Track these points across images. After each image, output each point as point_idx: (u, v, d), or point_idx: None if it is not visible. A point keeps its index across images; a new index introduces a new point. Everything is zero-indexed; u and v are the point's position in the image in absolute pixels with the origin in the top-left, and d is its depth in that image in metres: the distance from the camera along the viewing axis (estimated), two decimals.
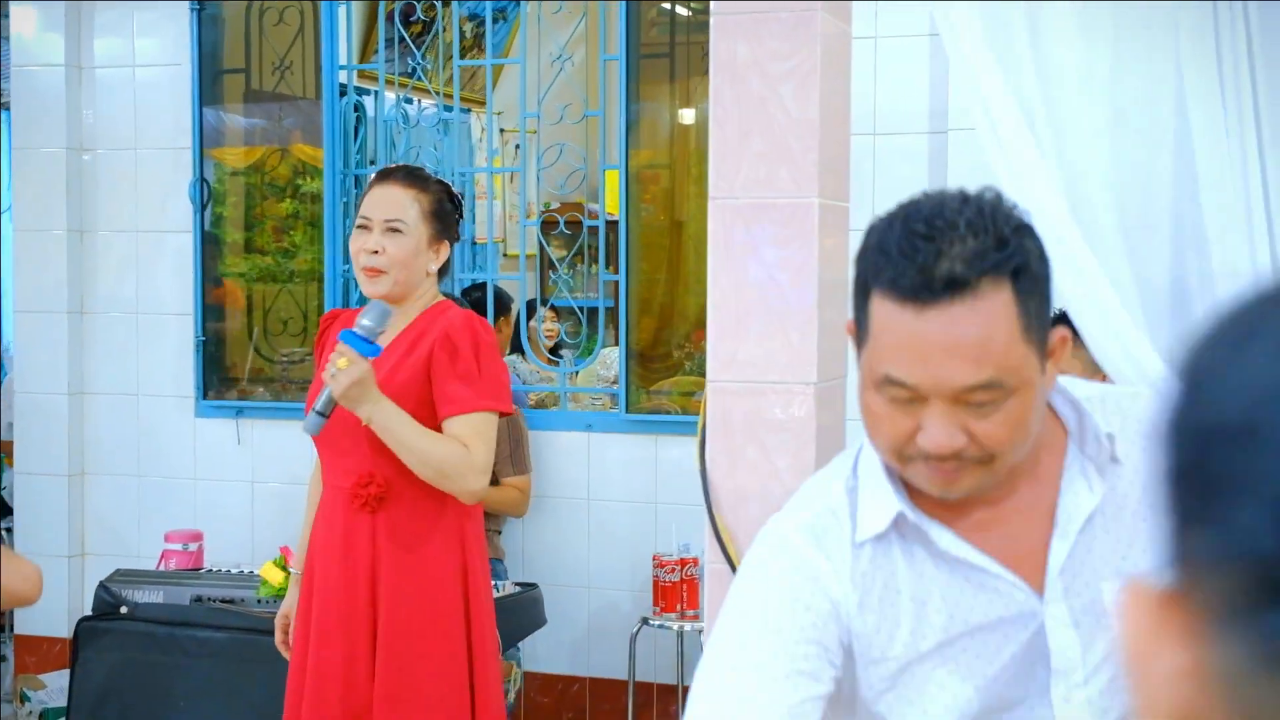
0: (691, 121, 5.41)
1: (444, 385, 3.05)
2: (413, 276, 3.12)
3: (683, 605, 4.43)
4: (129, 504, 5.38)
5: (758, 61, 2.51)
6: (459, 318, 3.13)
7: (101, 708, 4.25)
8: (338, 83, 5.24)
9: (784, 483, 2.54)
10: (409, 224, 3.10)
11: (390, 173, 3.22)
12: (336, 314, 3.35)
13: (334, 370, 2.90)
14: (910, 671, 1.69)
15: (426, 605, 3.08)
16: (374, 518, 3.06)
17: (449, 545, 3.13)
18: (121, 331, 5.41)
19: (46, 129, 5.40)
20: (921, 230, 1.50)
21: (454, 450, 3.03)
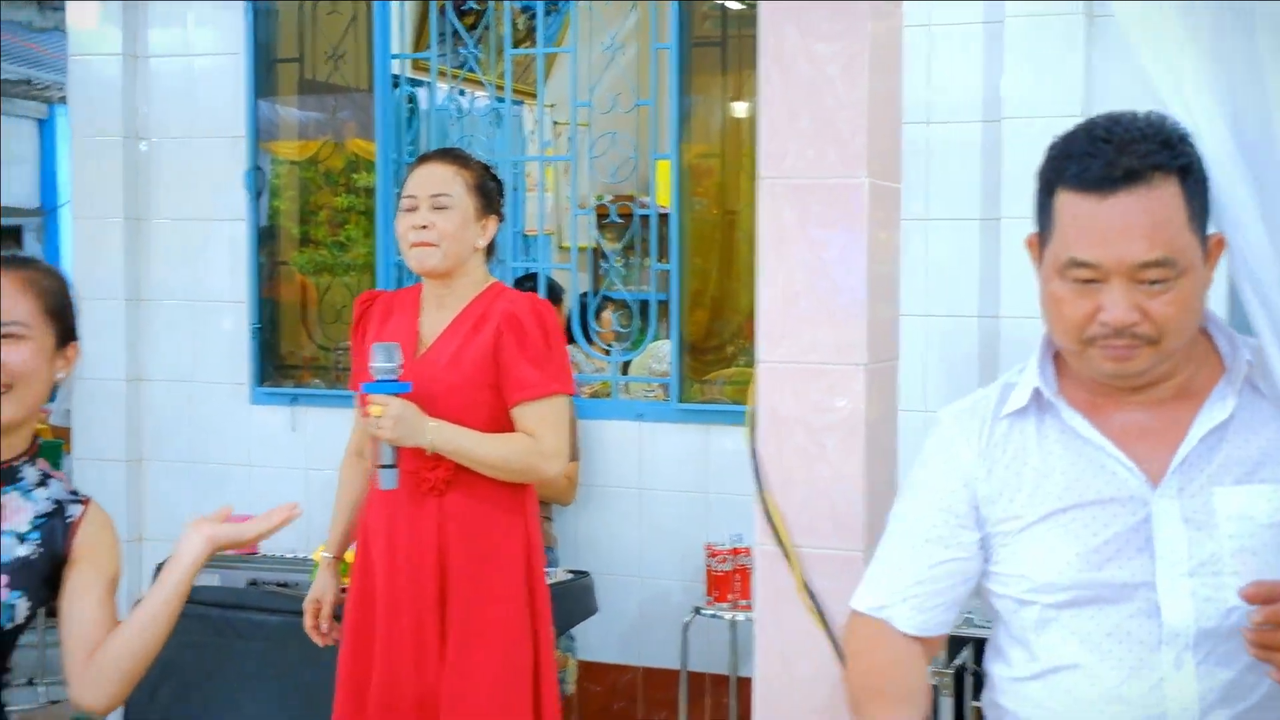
0: (744, 114, 5.38)
1: (513, 368, 3.06)
2: (462, 250, 3.13)
3: (735, 595, 4.42)
4: (185, 489, 5.43)
5: (806, 41, 2.49)
6: (523, 299, 3.15)
7: (159, 688, 4.29)
8: (390, 74, 5.26)
9: (832, 464, 2.53)
10: (455, 197, 3.12)
11: (429, 154, 3.27)
12: (374, 295, 3.35)
13: (376, 424, 2.93)
14: (1025, 533, 1.91)
15: (493, 587, 3.10)
16: (440, 501, 3.07)
17: (514, 528, 3.14)
18: (178, 319, 5.46)
19: (104, 118, 5.46)
20: (1102, 135, 1.80)
21: (519, 446, 3.05)
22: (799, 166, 2.50)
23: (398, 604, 3.10)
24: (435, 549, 3.08)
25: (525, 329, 3.08)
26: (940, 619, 2.01)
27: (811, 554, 2.52)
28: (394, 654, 3.09)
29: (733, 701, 4.65)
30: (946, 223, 4.45)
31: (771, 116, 2.51)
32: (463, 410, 3.06)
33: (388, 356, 2.98)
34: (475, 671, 3.07)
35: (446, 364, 3.09)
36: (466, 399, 3.05)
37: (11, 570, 2.08)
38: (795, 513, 2.53)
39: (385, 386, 2.96)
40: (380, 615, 3.12)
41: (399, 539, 3.11)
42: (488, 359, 3.07)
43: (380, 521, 3.15)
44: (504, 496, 3.13)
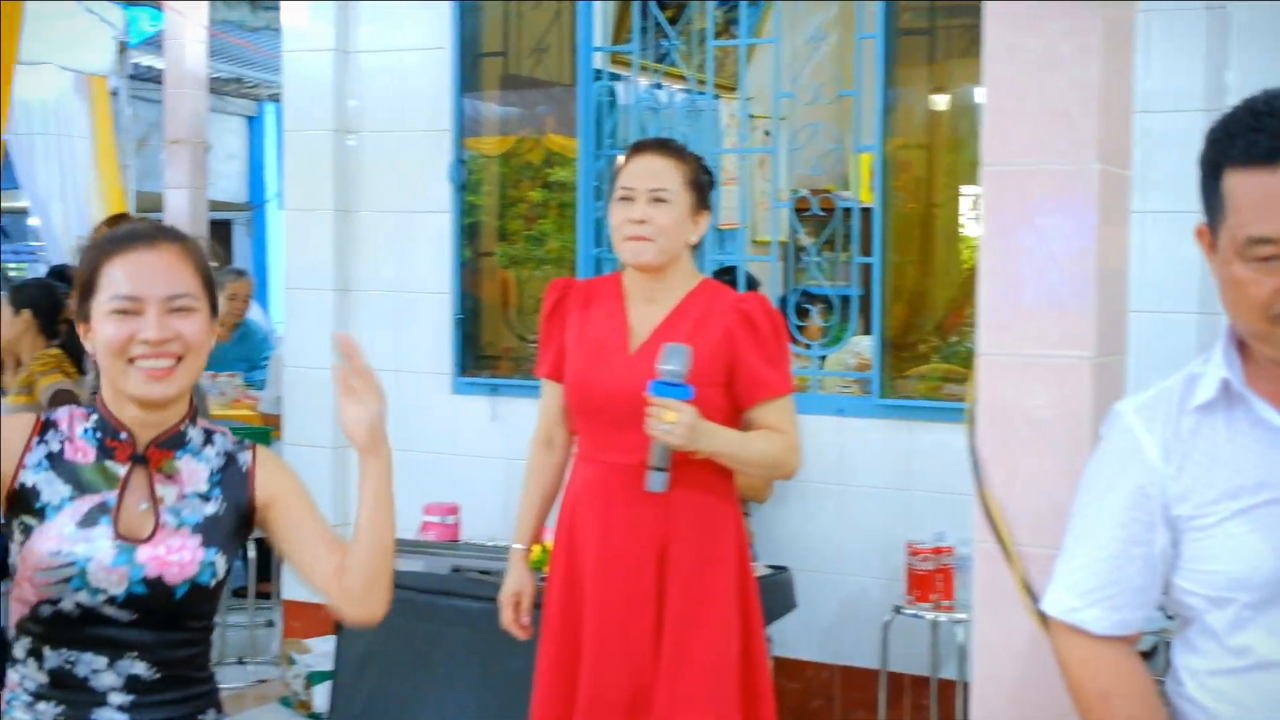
0: (947, 107, 5.27)
1: (751, 368, 3.04)
2: (676, 246, 3.11)
3: (938, 595, 4.33)
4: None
5: (1035, 19, 2.41)
6: (752, 299, 3.14)
7: (366, 667, 4.38)
8: (592, 67, 5.28)
9: (1058, 461, 2.44)
10: (673, 192, 3.09)
11: (647, 144, 3.23)
12: (569, 283, 3.31)
13: (666, 426, 2.88)
14: (1219, 529, 1.86)
15: (711, 580, 3.07)
16: (664, 496, 3.02)
17: (730, 523, 3.12)
18: (382, 309, 5.57)
19: (315, 113, 5.60)
20: (1263, 108, 1.79)
21: (776, 442, 3.05)
22: (1025, 151, 2.43)
23: (610, 598, 3.08)
24: (657, 543, 3.05)
25: (760, 329, 3.05)
26: (1134, 617, 1.96)
27: (1034, 553, 2.43)
28: (604, 648, 3.07)
29: (934, 704, 4.55)
30: (1164, 215, 4.28)
31: (996, 98, 2.44)
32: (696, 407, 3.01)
33: (681, 360, 2.92)
34: (692, 667, 3.04)
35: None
36: (699, 396, 3.00)
37: (204, 529, 2.12)
38: (1017, 510, 2.45)
39: (676, 390, 2.90)
40: (590, 609, 3.11)
41: (615, 533, 3.08)
42: (719, 357, 3.04)
43: (594, 514, 3.12)
44: (723, 489, 3.11)
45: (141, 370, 2.09)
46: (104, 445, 2.12)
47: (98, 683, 2.06)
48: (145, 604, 2.07)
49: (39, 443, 2.11)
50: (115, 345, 2.08)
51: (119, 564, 2.04)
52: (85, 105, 8.05)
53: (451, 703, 4.27)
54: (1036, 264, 2.44)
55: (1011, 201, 2.45)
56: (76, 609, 2.04)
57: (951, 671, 4.48)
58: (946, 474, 4.59)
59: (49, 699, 2.07)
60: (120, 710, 2.07)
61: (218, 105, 10.37)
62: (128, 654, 2.07)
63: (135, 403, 2.12)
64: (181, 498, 2.13)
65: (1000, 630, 2.50)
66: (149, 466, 2.13)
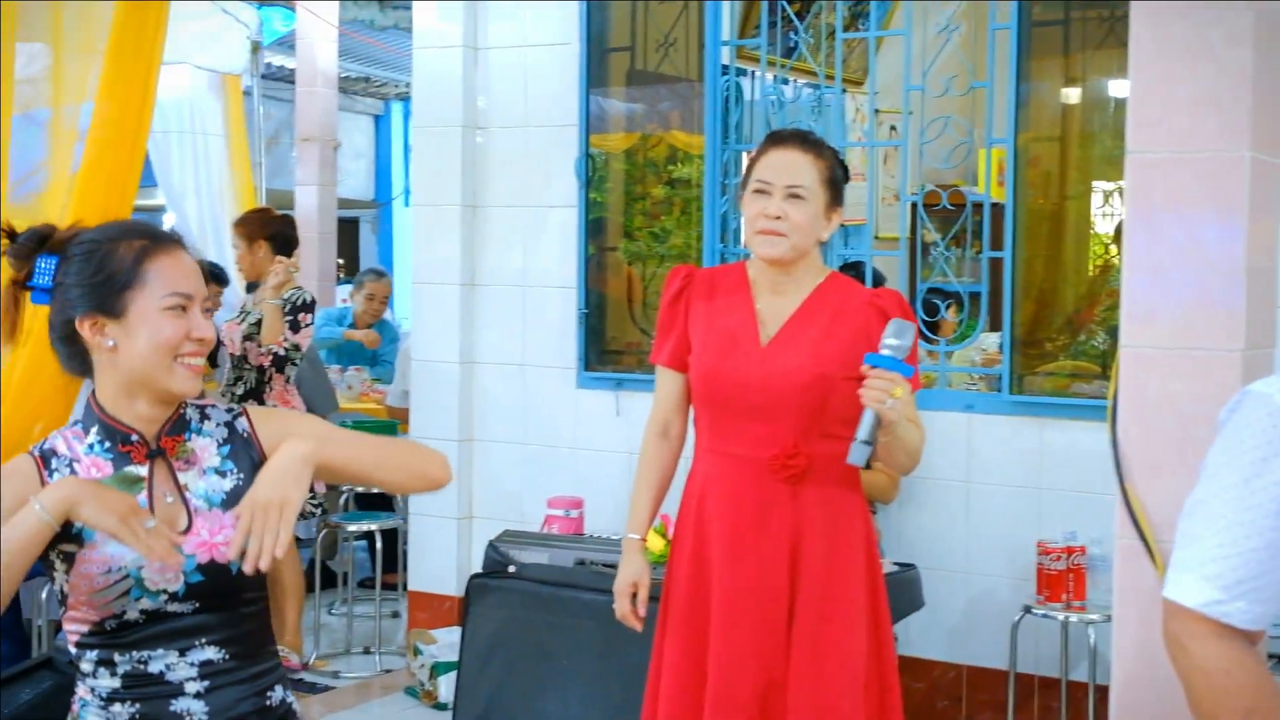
0: (1079, 100, 5.17)
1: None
2: (808, 243, 3.09)
3: (1069, 595, 4.25)
4: (513, 470, 5.58)
5: (1185, 4, 2.35)
6: (888, 295, 3.09)
7: (490, 660, 4.41)
8: (719, 61, 5.27)
9: (1203, 455, 2.37)
10: (809, 189, 3.06)
11: (786, 137, 3.17)
12: (691, 272, 3.27)
13: (891, 400, 2.80)
14: None
15: (842, 575, 3.04)
16: (796, 489, 3.01)
17: (857, 519, 3.09)
18: (509, 303, 5.61)
19: (444, 109, 5.65)
20: None
21: (919, 434, 3.02)
22: (1173, 139, 2.37)
23: (741, 593, 3.05)
24: (790, 537, 3.03)
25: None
26: (1271, 611, 1.89)
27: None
28: (734, 643, 3.04)
29: (1063, 707, 4.47)
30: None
31: (1143, 85, 2.39)
32: (829, 400, 3.00)
33: (909, 336, 2.86)
34: (825, 661, 3.01)
35: (810, 352, 3.03)
36: (830, 388, 2.99)
37: (230, 504, 2.12)
38: (1161, 505, 2.40)
39: (902, 367, 2.84)
40: (719, 604, 3.08)
41: (745, 528, 3.05)
42: (854, 351, 2.98)
43: (724, 509, 3.09)
44: (851, 483, 3.09)
45: (187, 367, 2.09)
46: (118, 452, 2.11)
47: (173, 675, 2.09)
48: (204, 590, 2.09)
49: (49, 475, 2.09)
50: (172, 341, 2.07)
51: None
52: (220, 104, 8.21)
53: (575, 694, 4.29)
54: (1183, 254, 2.38)
55: (1157, 191, 2.39)
56: (141, 615, 2.07)
57: (1082, 674, 4.40)
58: (1077, 472, 4.51)
59: (124, 700, 2.08)
60: (196, 698, 2.09)
61: (346, 104, 10.54)
62: (198, 642, 2.10)
63: (162, 398, 2.11)
64: (201, 477, 2.14)
65: (1142, 628, 2.45)
66: (167, 457, 2.13)
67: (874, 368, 2.82)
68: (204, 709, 2.10)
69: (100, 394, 2.13)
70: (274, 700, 2.19)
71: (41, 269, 2.11)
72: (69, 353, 2.13)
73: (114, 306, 2.07)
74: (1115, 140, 4.89)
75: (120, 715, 2.08)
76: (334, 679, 5.68)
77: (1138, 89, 2.41)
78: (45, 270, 2.11)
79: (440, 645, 5.26)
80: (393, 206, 12.33)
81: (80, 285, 2.08)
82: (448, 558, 5.62)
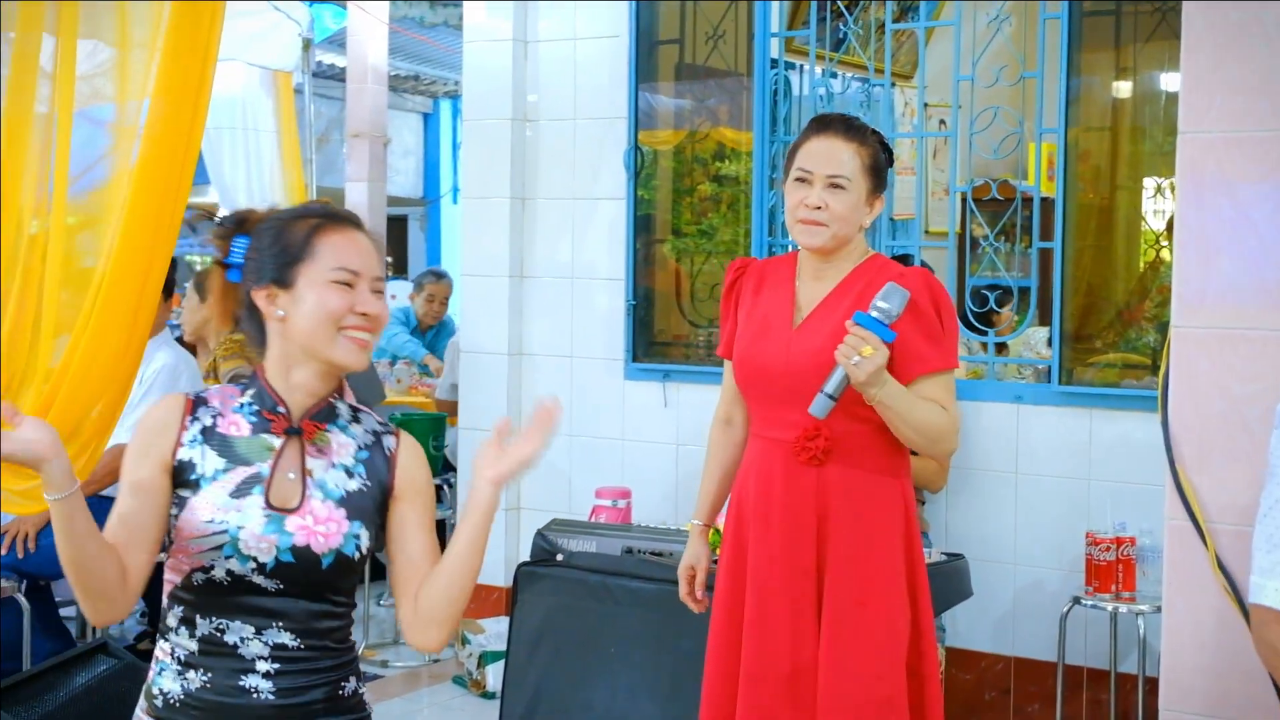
0: (1130, 94, 5.14)
1: (909, 342, 2.98)
2: (849, 231, 3.08)
3: (1118, 586, 4.23)
4: (561, 461, 5.60)
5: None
6: (915, 274, 3.07)
7: (538, 647, 4.43)
8: (769, 53, 5.28)
9: (1255, 437, 2.37)
10: (850, 179, 3.05)
11: (829, 123, 3.15)
12: (746, 263, 3.30)
13: (857, 357, 2.84)
14: None
15: (872, 559, 3.03)
16: (819, 472, 3.02)
17: (893, 504, 3.07)
18: (558, 295, 5.64)
19: (494, 103, 5.69)
20: None
21: (939, 414, 2.99)
22: (1224, 119, 2.37)
23: (771, 574, 3.07)
24: (813, 519, 3.04)
25: (920, 304, 2.99)
26: None
27: (1228, 529, 2.38)
28: (766, 624, 3.07)
29: (1112, 698, 4.45)
30: None
31: (1194, 65, 2.38)
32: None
33: (898, 301, 2.88)
34: (854, 645, 3.01)
35: (832, 333, 3.04)
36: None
37: (347, 503, 2.18)
38: (1212, 487, 2.39)
39: (882, 330, 2.87)
40: (751, 584, 3.11)
41: (774, 508, 3.08)
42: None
43: (756, 490, 3.12)
44: (883, 466, 3.06)
45: (351, 339, 2.16)
46: (261, 418, 2.18)
47: (246, 650, 2.13)
48: (292, 573, 2.13)
49: (192, 420, 2.16)
50: (336, 313, 2.14)
51: (269, 532, 2.11)
52: (271, 101, 8.28)
53: (623, 682, 4.30)
54: (1235, 235, 2.38)
55: (1209, 171, 2.39)
56: (227, 576, 2.11)
57: (1131, 665, 4.38)
58: (1126, 463, 4.49)
59: (198, 668, 2.13)
60: (265, 677, 2.13)
61: (395, 102, 10.61)
62: (275, 624, 2.14)
63: (323, 371, 2.18)
64: (330, 468, 2.19)
65: (1191, 610, 2.45)
66: (302, 438, 2.19)
67: (854, 324, 2.86)
68: (271, 689, 2.14)
69: (267, 362, 2.22)
70: (346, 691, 2.22)
71: (237, 248, 2.24)
72: (251, 323, 2.24)
73: (286, 277, 2.16)
74: (1166, 135, 4.87)
75: (193, 682, 2.13)
76: (383, 668, 5.73)
77: (1190, 70, 2.40)
78: (239, 249, 2.23)
79: (488, 635, 5.29)
80: (440, 204, 12.39)
81: (258, 259, 2.20)
82: (495, 549, 5.65)
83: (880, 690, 3.02)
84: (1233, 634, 2.37)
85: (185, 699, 2.13)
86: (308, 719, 2.16)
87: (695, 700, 4.14)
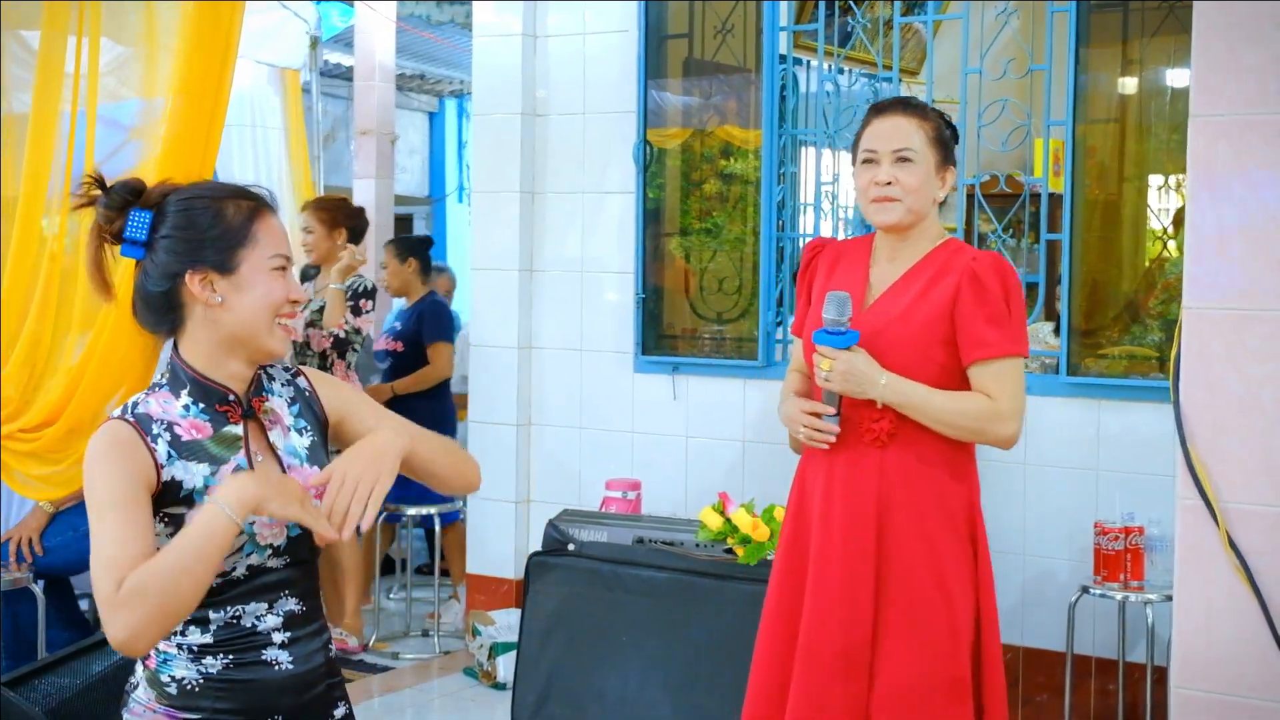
0: (1134, 90, 5.16)
1: (971, 327, 3.00)
2: (923, 204, 3.09)
3: (1126, 575, 4.25)
4: (571, 454, 5.63)
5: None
6: (986, 257, 3.07)
7: (550, 635, 4.46)
8: (777, 47, 5.30)
9: (1269, 416, 2.39)
10: (917, 151, 3.07)
11: (887, 105, 3.19)
12: (823, 243, 3.32)
13: (825, 375, 2.95)
14: None
15: (933, 545, 3.03)
16: (882, 454, 3.03)
17: (956, 487, 3.07)
18: (567, 289, 5.67)
19: (503, 96, 5.71)
20: None
21: (974, 404, 2.99)
22: (1237, 102, 2.39)
23: (829, 555, 3.07)
24: (874, 502, 3.04)
25: (986, 287, 3.00)
26: None
27: (1240, 509, 2.40)
28: (822, 606, 3.06)
29: (1120, 688, 4.47)
30: None
31: (1207, 48, 2.41)
32: (913, 364, 3.00)
33: (839, 309, 2.97)
34: (923, 625, 3.00)
35: (899, 316, 3.04)
36: (918, 353, 3.00)
37: (313, 457, 2.19)
38: (1224, 466, 2.42)
39: (834, 339, 2.95)
40: (812, 564, 3.10)
41: (835, 489, 3.08)
42: (943, 314, 3.01)
43: (818, 471, 3.13)
44: (947, 453, 3.06)
45: (283, 327, 2.15)
46: (215, 412, 2.13)
47: (263, 626, 2.15)
48: (297, 545, 2.15)
49: (153, 439, 2.07)
50: (279, 301, 2.12)
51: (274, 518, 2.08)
52: (279, 98, 8.30)
53: (634, 670, 4.33)
54: (1246, 216, 2.40)
55: (1222, 153, 2.41)
56: (246, 571, 2.12)
57: (1140, 655, 4.40)
58: (1135, 454, 4.51)
59: (215, 652, 2.13)
60: (282, 647, 2.16)
61: (401, 101, 10.62)
62: (283, 594, 2.16)
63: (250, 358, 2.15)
64: (286, 435, 2.19)
65: (1204, 588, 2.47)
66: (257, 416, 2.17)
67: (815, 345, 2.96)
68: (289, 658, 2.16)
69: (189, 353, 2.14)
70: (332, 652, 2.27)
71: (135, 223, 2.10)
72: (162, 308, 2.13)
73: (227, 262, 2.10)
74: (1172, 132, 4.90)
75: (213, 666, 2.13)
76: (393, 660, 5.76)
77: (1202, 53, 2.43)
78: (140, 224, 2.10)
79: (499, 626, 5.31)
80: (446, 202, 12.41)
81: (191, 240, 2.10)
82: (505, 540, 5.68)
83: (951, 670, 3.01)
84: (1244, 613, 2.40)
85: (206, 682, 2.13)
86: (316, 682, 2.20)
87: (706, 687, 4.18)
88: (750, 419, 5.29)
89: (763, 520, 4.23)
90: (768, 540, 4.14)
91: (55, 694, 3.60)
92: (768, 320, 5.29)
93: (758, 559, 4.15)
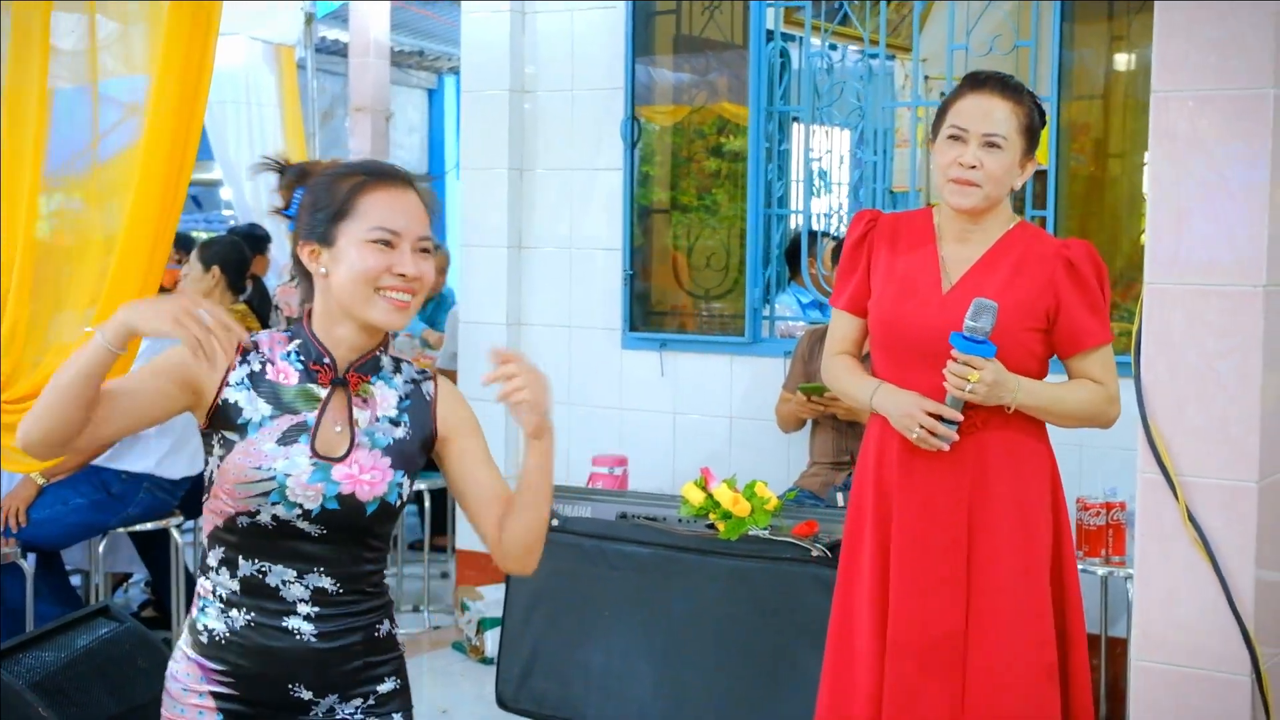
0: (1124, 67, 5.15)
1: (1074, 315, 2.98)
2: (1001, 192, 3.02)
3: (1107, 550, 4.27)
4: (559, 429, 5.51)
5: None
6: (1077, 245, 3.04)
7: (534, 610, 4.48)
8: (765, 23, 5.30)
9: (1227, 390, 2.41)
10: (1007, 139, 2.98)
11: (985, 80, 3.06)
12: (876, 215, 3.23)
13: (969, 385, 2.87)
14: None
15: (1025, 526, 3.00)
16: (971, 438, 2.99)
17: (1039, 473, 3.05)
18: (556, 265, 5.68)
19: (492, 73, 5.72)
20: None
21: (1088, 393, 3.01)
22: (1198, 77, 2.40)
23: (916, 541, 3.03)
24: (966, 490, 3.00)
25: (1084, 276, 2.98)
26: None
27: (1200, 483, 2.42)
28: (910, 591, 3.02)
29: (1103, 662, 4.49)
30: None
31: (1168, 24, 2.41)
32: (1006, 348, 2.94)
33: (991, 317, 2.87)
34: (1017, 612, 2.99)
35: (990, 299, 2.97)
36: (1013, 340, 2.95)
37: (393, 452, 2.22)
38: (1184, 440, 2.43)
39: (981, 348, 2.87)
40: (896, 551, 3.05)
41: (919, 476, 3.03)
42: (1039, 302, 2.98)
43: (897, 458, 3.06)
44: (1035, 434, 3.06)
45: (389, 300, 2.18)
46: (308, 368, 2.22)
47: (287, 593, 2.18)
48: (336, 520, 2.18)
49: (241, 362, 2.20)
50: (372, 273, 2.17)
51: (315, 480, 2.15)
52: (274, 76, 8.32)
53: (617, 645, 4.35)
54: (1207, 192, 2.41)
55: (1182, 129, 2.42)
56: (272, 521, 2.16)
57: (1121, 629, 4.41)
58: (1117, 430, 4.48)
59: (241, 606, 2.19)
60: (307, 620, 2.19)
61: (399, 78, 10.63)
62: (316, 568, 2.19)
63: (363, 328, 2.21)
64: (374, 420, 2.23)
65: (1165, 563, 2.49)
66: (348, 390, 2.23)
67: (955, 351, 2.87)
68: (314, 631, 2.20)
69: (314, 314, 2.25)
70: (382, 633, 2.28)
71: (296, 201, 2.27)
72: (301, 275, 2.27)
73: (327, 235, 2.19)
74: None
75: (237, 620, 2.19)
76: None
77: (1163, 30, 2.43)
78: (296, 201, 2.27)
79: (487, 601, 5.35)
80: (445, 180, 12.41)
81: (304, 215, 2.23)
82: None
83: (1043, 657, 3.00)
84: (1203, 587, 2.42)
85: (231, 636, 2.19)
86: (348, 659, 2.23)
87: (688, 661, 4.21)
88: (737, 395, 5.31)
89: (744, 496, 4.24)
90: (748, 516, 4.16)
91: (39, 668, 3.62)
92: (755, 297, 5.30)
93: (739, 534, 4.17)
